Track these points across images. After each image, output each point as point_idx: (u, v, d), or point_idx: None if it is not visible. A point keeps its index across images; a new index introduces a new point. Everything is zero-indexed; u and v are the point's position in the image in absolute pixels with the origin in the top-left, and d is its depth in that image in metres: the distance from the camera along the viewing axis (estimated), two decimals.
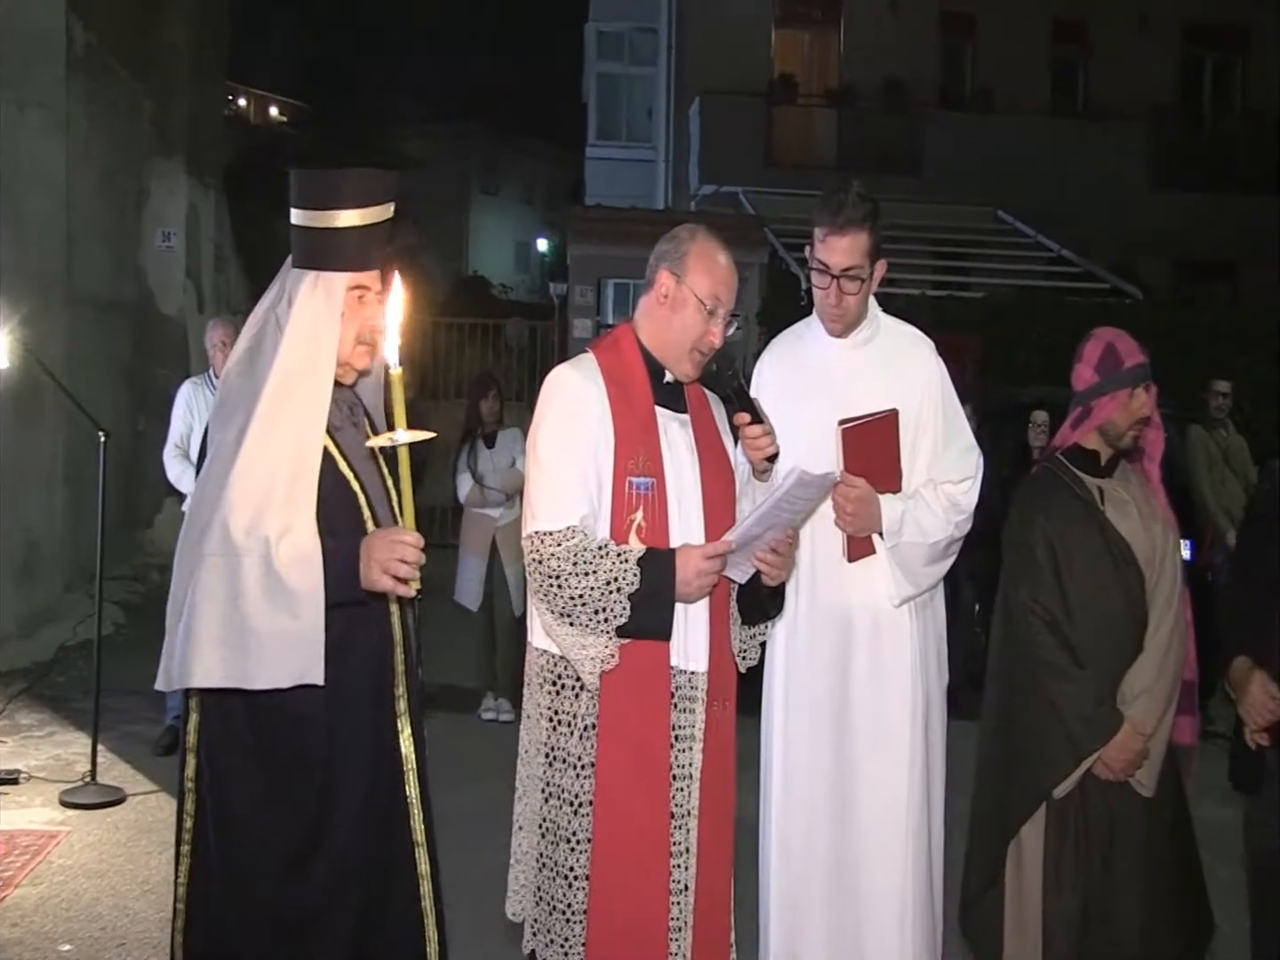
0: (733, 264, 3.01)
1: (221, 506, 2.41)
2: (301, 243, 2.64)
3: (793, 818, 3.53)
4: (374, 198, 2.63)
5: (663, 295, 2.98)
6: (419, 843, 2.71)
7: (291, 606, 2.38)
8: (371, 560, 2.46)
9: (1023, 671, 3.53)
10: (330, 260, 2.61)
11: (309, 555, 2.42)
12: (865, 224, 3.38)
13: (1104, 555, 3.51)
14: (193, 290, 13.30)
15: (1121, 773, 3.44)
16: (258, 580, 2.37)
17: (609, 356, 3.00)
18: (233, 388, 2.59)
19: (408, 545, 2.46)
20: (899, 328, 3.64)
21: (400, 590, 2.51)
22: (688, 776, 2.89)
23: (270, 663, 2.37)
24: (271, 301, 2.64)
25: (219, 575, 2.38)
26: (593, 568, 2.74)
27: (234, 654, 2.37)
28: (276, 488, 2.45)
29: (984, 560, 7.29)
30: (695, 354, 2.98)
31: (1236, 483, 8.62)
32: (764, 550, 2.86)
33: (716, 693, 2.95)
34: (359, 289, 2.65)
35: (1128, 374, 3.53)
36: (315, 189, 2.62)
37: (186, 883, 2.61)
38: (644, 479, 2.87)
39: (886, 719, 3.47)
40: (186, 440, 6.80)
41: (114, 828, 5.60)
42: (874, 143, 18.74)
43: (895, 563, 3.47)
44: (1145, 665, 3.48)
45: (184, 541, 2.48)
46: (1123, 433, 3.55)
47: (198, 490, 2.53)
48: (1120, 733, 3.42)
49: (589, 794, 2.82)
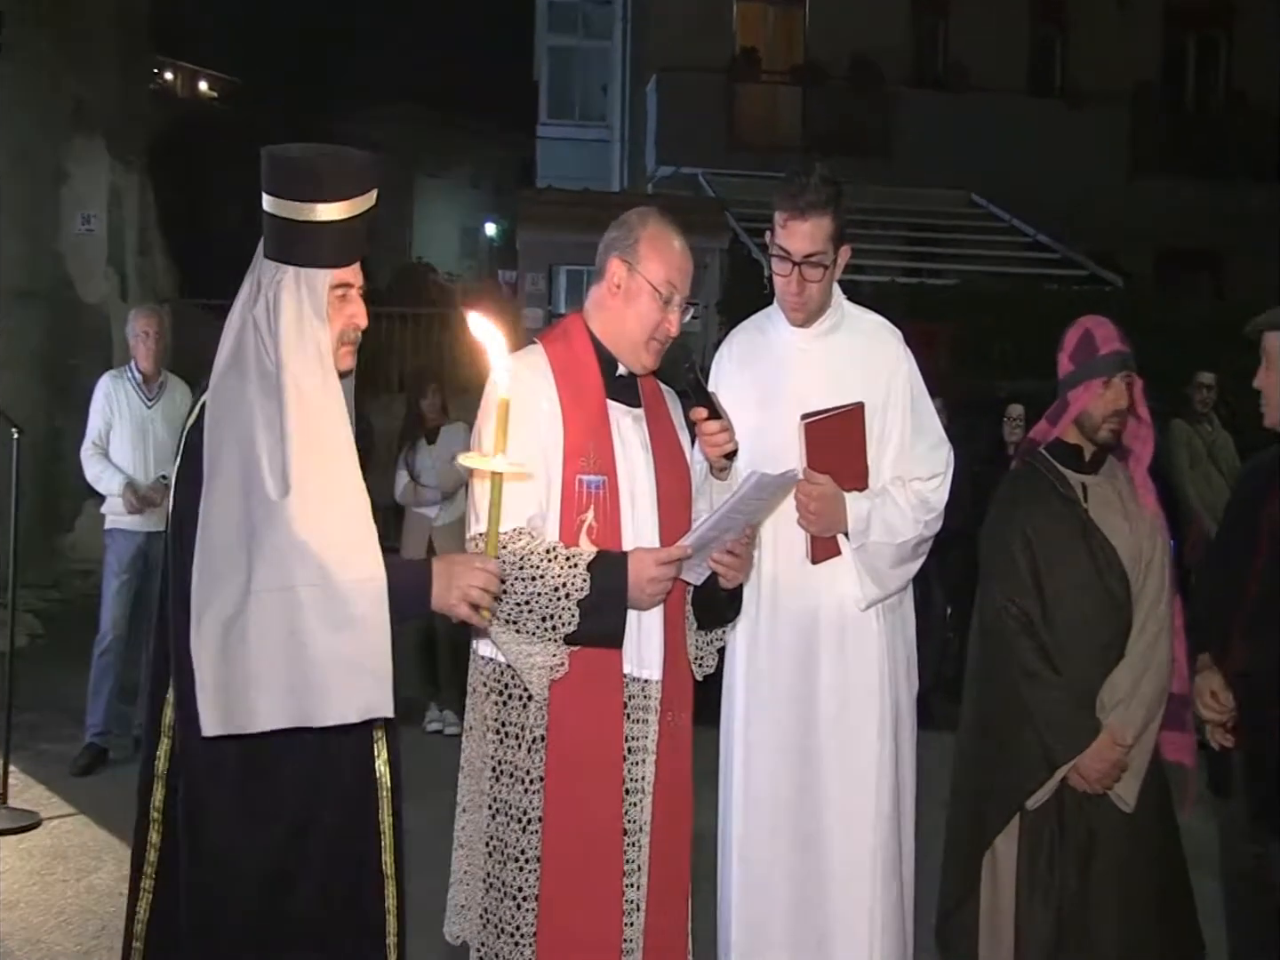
0: (687, 247, 3.03)
1: (267, 537, 2.31)
2: (278, 234, 2.50)
3: (754, 833, 3.55)
4: (360, 186, 2.51)
5: (615, 285, 2.99)
6: (388, 875, 2.63)
7: (357, 634, 2.33)
8: (453, 585, 2.47)
9: (997, 676, 3.57)
10: (312, 256, 2.49)
11: (373, 577, 2.37)
12: (828, 208, 3.39)
13: (1085, 555, 3.54)
14: (115, 277, 13.16)
15: (1097, 784, 3.47)
16: (318, 609, 2.30)
17: (558, 348, 3.01)
18: (226, 405, 2.42)
19: (491, 575, 2.49)
20: (865, 316, 3.67)
21: (474, 620, 2.53)
22: (641, 790, 2.90)
23: (337, 697, 2.32)
24: (246, 301, 2.50)
25: (275, 610, 2.29)
26: (540, 572, 2.75)
27: (297, 692, 2.30)
28: (327, 510, 2.37)
29: (956, 561, 7.36)
30: (653, 344, 2.99)
31: (1222, 480, 8.66)
32: (720, 551, 2.88)
33: (671, 702, 2.96)
34: (342, 286, 2.53)
35: (1101, 362, 3.56)
36: (294, 176, 2.47)
37: (147, 919, 2.54)
38: (595, 477, 2.88)
39: (853, 729, 3.49)
40: (105, 437, 6.76)
41: (27, 855, 5.53)
42: (841, 122, 18.82)
43: (862, 564, 3.49)
44: (1126, 671, 3.51)
45: (213, 581, 2.33)
46: (1098, 425, 3.58)
47: (217, 523, 2.36)
48: (1096, 741, 3.45)
49: (538, 810, 2.83)
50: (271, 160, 2.51)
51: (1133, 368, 3.59)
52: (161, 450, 6.88)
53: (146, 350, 6.87)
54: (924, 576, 3.87)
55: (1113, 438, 3.61)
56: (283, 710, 2.30)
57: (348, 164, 2.52)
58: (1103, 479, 3.63)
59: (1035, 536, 3.55)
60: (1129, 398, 3.59)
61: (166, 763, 2.52)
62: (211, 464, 2.38)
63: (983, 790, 3.62)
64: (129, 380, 6.89)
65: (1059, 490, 3.61)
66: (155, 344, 6.88)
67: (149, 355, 6.88)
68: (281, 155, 2.50)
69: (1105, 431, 3.59)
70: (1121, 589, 3.53)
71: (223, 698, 2.30)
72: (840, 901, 3.48)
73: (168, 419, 6.91)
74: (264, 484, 2.34)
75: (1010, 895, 3.54)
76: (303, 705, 2.31)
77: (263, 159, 2.50)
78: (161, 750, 2.53)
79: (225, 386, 2.44)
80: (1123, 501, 3.61)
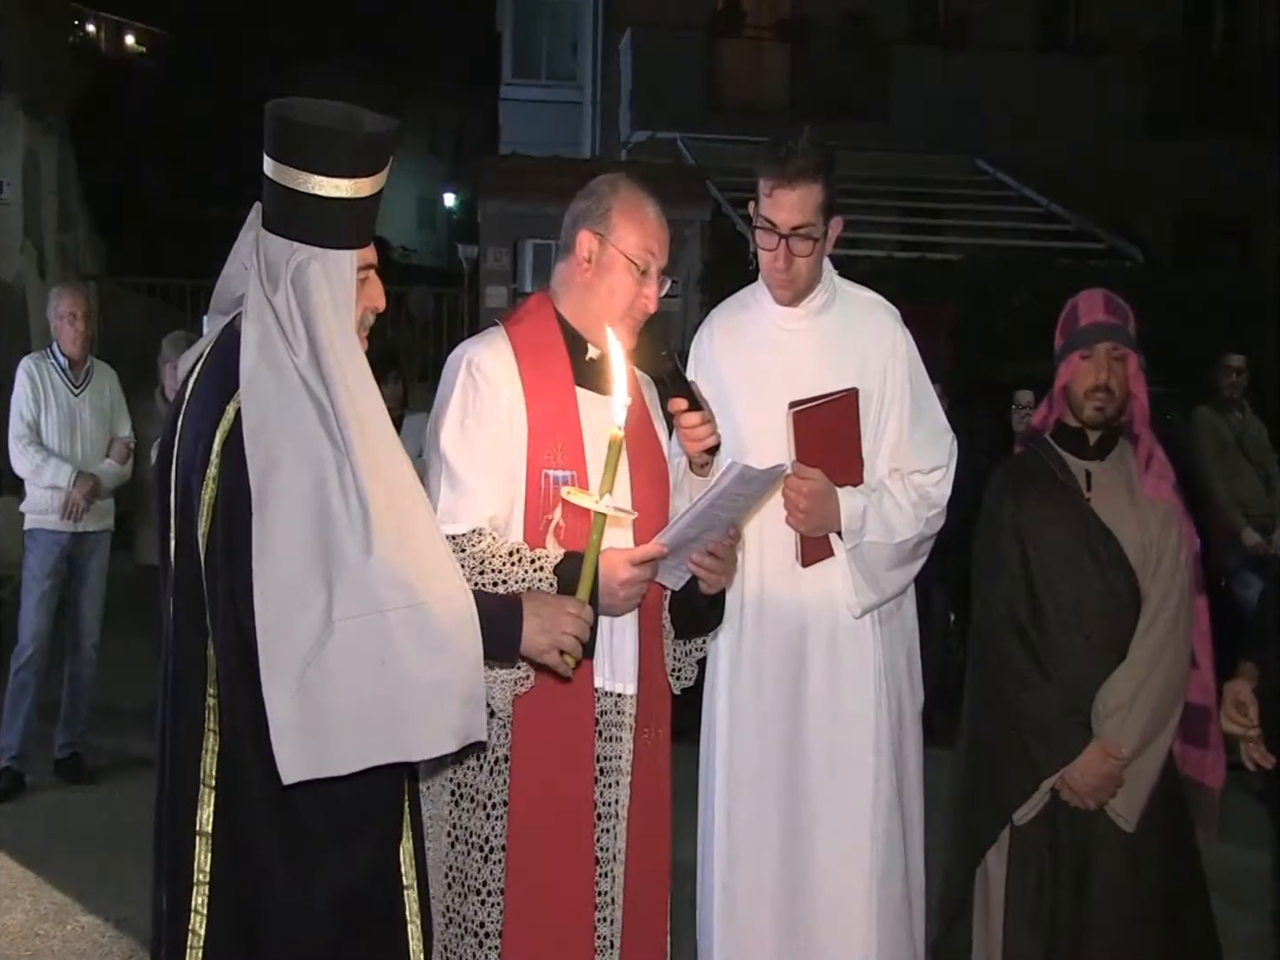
0: (662, 215, 3.04)
1: (345, 562, 2.28)
2: (298, 210, 2.40)
3: (738, 863, 3.55)
4: (388, 156, 2.46)
5: (585, 260, 2.99)
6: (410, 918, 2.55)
7: (450, 656, 2.33)
8: (545, 628, 2.56)
9: (986, 679, 3.59)
10: (340, 235, 2.42)
11: (459, 594, 2.38)
12: (817, 175, 3.40)
13: (1084, 548, 3.57)
14: (33, 252, 13.10)
15: (1089, 799, 3.49)
16: (410, 634, 2.29)
17: (522, 330, 3.01)
18: (270, 414, 2.33)
19: (586, 622, 2.59)
20: (858, 294, 3.68)
21: (560, 668, 2.60)
22: (614, 815, 2.90)
23: (434, 726, 2.31)
24: (258, 286, 2.40)
25: (362, 638, 2.26)
26: (503, 576, 2.75)
27: (390, 726, 2.29)
28: (402, 528, 2.34)
29: (959, 562, 7.37)
30: (628, 320, 3.00)
31: (1253, 473, 8.64)
32: (700, 553, 2.88)
33: (647, 718, 2.97)
34: (366, 268, 2.49)
35: (1080, 334, 3.60)
36: (325, 147, 2.37)
37: None
38: (563, 472, 2.89)
39: (846, 747, 3.50)
40: (35, 426, 6.72)
41: None
42: (833, 83, 18.80)
43: (856, 566, 3.49)
44: (1125, 676, 3.52)
45: (285, 614, 2.27)
46: (1081, 403, 3.61)
47: (283, 550, 2.30)
48: (1086, 752, 3.47)
49: (501, 838, 2.83)
50: (291, 126, 2.38)
51: (1121, 340, 3.60)
52: (91, 443, 6.85)
53: (74, 334, 6.84)
54: (924, 580, 3.88)
55: (1099, 416, 3.62)
56: (375, 747, 2.28)
57: (383, 133, 2.44)
58: (1110, 466, 3.66)
59: (1027, 527, 3.58)
60: (1120, 374, 3.59)
61: (211, 824, 2.42)
62: (263, 483, 2.30)
63: (972, 802, 3.66)
64: (53, 365, 6.86)
65: (1058, 477, 3.64)
66: (83, 326, 6.85)
67: (76, 339, 6.85)
68: (308, 122, 2.37)
69: (1090, 409, 3.61)
70: (1126, 586, 3.55)
71: (306, 740, 2.25)
72: (831, 942, 3.48)
73: (96, 408, 6.89)
74: (333, 504, 2.29)
75: (1000, 916, 3.57)
76: (397, 739, 2.29)
77: (274, 121, 2.39)
78: (207, 808, 2.43)
79: (262, 391, 2.35)
80: (1132, 491, 3.63)
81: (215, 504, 2.36)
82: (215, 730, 2.40)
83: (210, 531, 2.36)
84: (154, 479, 2.59)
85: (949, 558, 6.73)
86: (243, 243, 2.51)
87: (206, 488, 2.37)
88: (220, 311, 2.59)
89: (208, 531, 2.36)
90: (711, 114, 18.67)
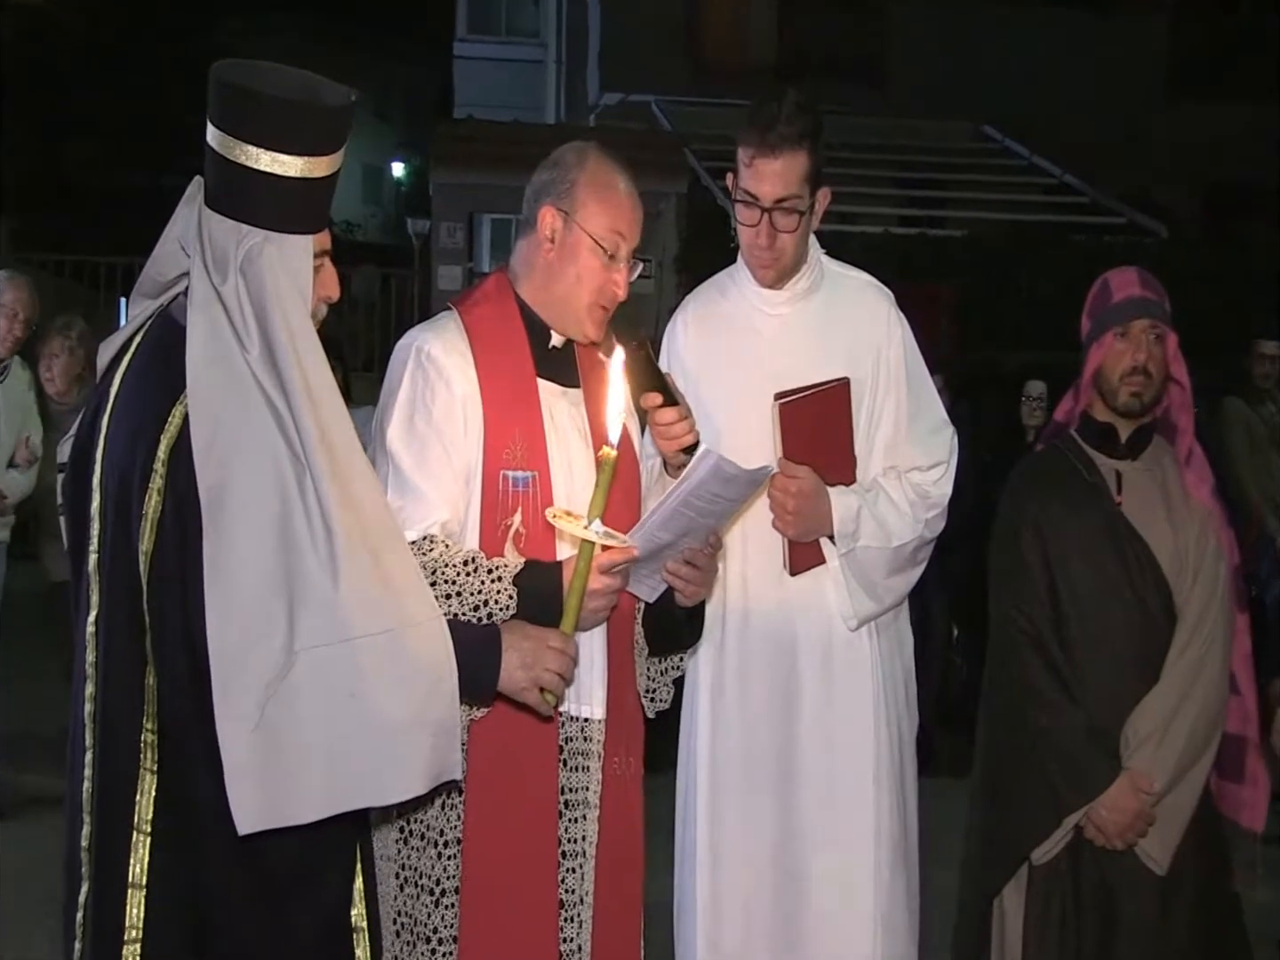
0: (635, 190, 3.04)
1: (310, 584, 2.27)
2: (251, 189, 2.37)
3: (722, 905, 3.55)
4: (347, 131, 2.44)
5: (547, 238, 2.99)
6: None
7: (423, 687, 2.33)
8: (525, 664, 2.58)
9: (1003, 702, 3.59)
10: (298, 218, 2.41)
11: (433, 618, 2.39)
12: (802, 143, 3.40)
13: (1112, 556, 3.57)
14: None
15: (1117, 838, 3.48)
16: (381, 663, 2.28)
17: (478, 315, 3.01)
18: (223, 419, 2.31)
19: (569, 659, 2.63)
20: (849, 275, 3.69)
21: (540, 706, 2.62)
22: (580, 854, 2.90)
23: (404, 765, 2.31)
24: (202, 273, 2.36)
25: (329, 669, 2.25)
26: (457, 588, 2.75)
27: (355, 767, 2.28)
28: (370, 547, 2.33)
29: (960, 568, 7.40)
30: (596, 309, 3.00)
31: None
32: (676, 561, 2.88)
33: (617, 745, 2.97)
34: (321, 255, 2.48)
35: (1115, 309, 3.60)
36: (283, 121, 2.34)
37: None
38: (523, 473, 2.89)
39: (844, 775, 3.51)
40: None
41: None
42: (824, 40, 18.84)
43: (851, 574, 3.51)
44: (1158, 701, 3.52)
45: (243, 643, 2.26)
46: (1115, 388, 3.59)
47: (241, 570, 2.27)
48: (1115, 786, 3.46)
49: (454, 879, 2.83)
50: (242, 94, 2.34)
51: (1160, 317, 3.60)
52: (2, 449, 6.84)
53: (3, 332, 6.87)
54: (922, 588, 3.89)
55: (1135, 402, 3.60)
56: (342, 790, 2.28)
57: (344, 108, 2.42)
58: (1143, 466, 3.65)
59: (1050, 532, 3.58)
60: (1159, 355, 3.59)
61: (146, 876, 2.39)
62: (217, 496, 2.27)
63: (987, 838, 3.65)
64: None
65: (1084, 478, 3.64)
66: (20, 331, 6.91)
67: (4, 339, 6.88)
68: (262, 91, 2.34)
69: (1125, 395, 3.59)
70: (1158, 599, 3.55)
71: (265, 782, 2.23)
72: None
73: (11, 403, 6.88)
74: (295, 521, 2.28)
75: None
76: (367, 781, 2.29)
77: (221, 87, 2.35)
78: (140, 858, 2.39)
79: (213, 392, 2.32)
80: (1167, 494, 3.62)
81: (161, 519, 2.33)
82: (153, 770, 2.37)
83: (156, 549, 2.34)
84: (66, 486, 2.55)
85: (950, 563, 6.78)
86: (178, 220, 2.48)
87: (150, 500, 2.34)
88: (146, 295, 2.56)
89: (151, 549, 2.34)
90: (690, 75, 18.65)
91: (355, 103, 2.44)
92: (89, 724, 2.44)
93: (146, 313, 2.54)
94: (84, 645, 2.45)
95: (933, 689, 7.93)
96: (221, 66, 2.36)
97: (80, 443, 2.51)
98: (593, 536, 2.51)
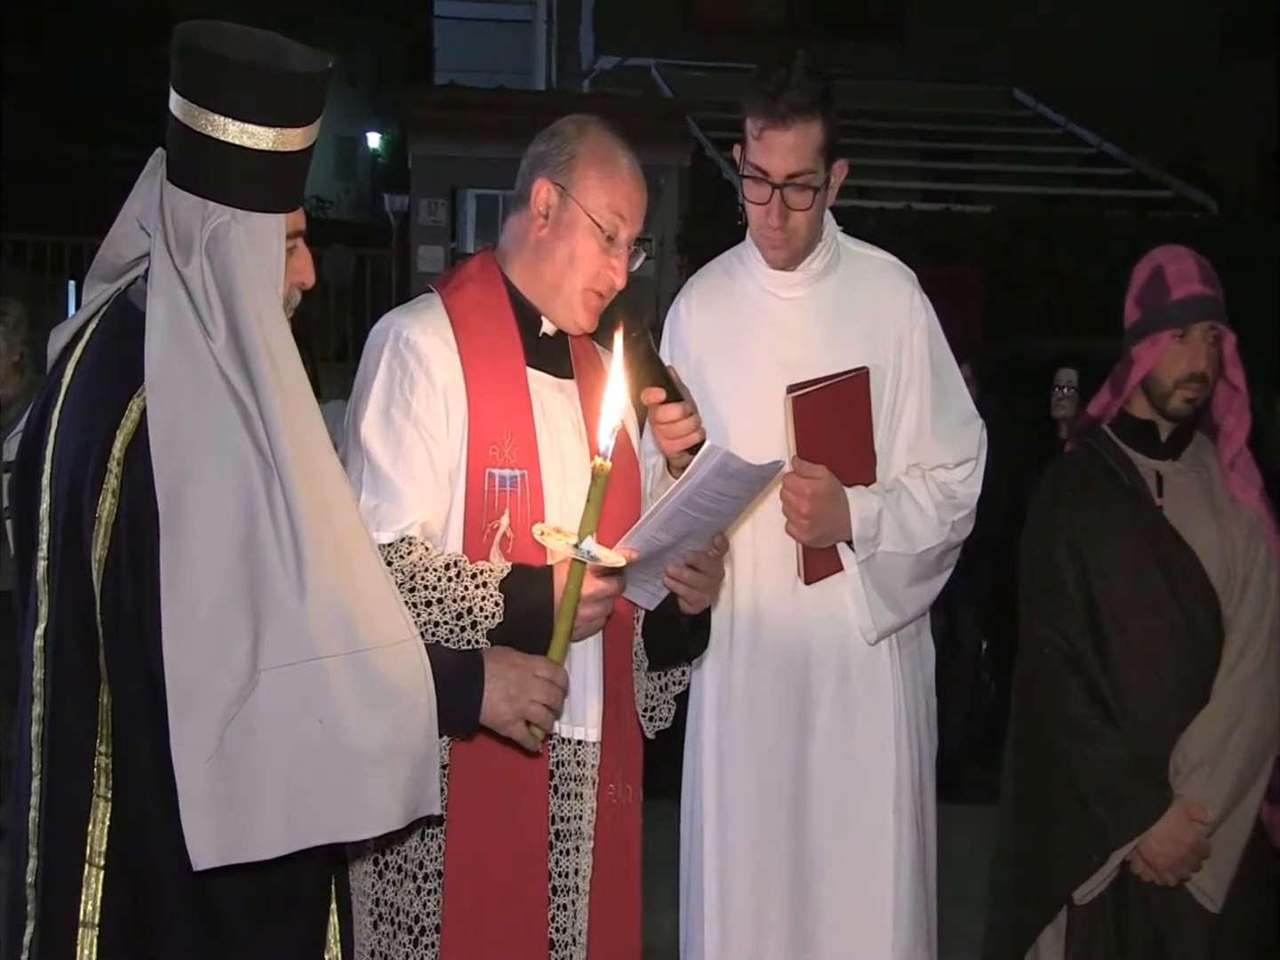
0: (639, 172, 3.04)
1: (275, 599, 2.27)
2: (210, 161, 2.36)
3: (731, 945, 3.54)
4: (323, 101, 2.44)
5: (540, 215, 2.99)
6: None
7: (397, 712, 2.33)
8: (510, 695, 2.57)
9: (1038, 727, 3.58)
10: (268, 196, 2.41)
11: (409, 638, 2.39)
12: (815, 111, 3.39)
13: (1156, 567, 3.57)
14: None
15: (1168, 874, 3.48)
16: (350, 685, 2.28)
17: (462, 299, 3.01)
18: (185, 415, 2.30)
19: (558, 690, 2.62)
20: (867, 254, 3.69)
21: (526, 741, 2.63)
22: (573, 889, 2.90)
23: (379, 798, 2.31)
24: (163, 254, 2.36)
25: (293, 691, 2.25)
26: (437, 594, 2.75)
27: (322, 799, 2.27)
28: (341, 560, 2.33)
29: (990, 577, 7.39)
30: (590, 296, 3.00)
31: None
32: (678, 565, 2.89)
33: (613, 770, 2.98)
34: (294, 235, 2.48)
35: (1175, 308, 3.57)
36: (245, 85, 2.33)
37: None
38: (511, 472, 2.89)
39: (862, 804, 3.51)
40: None
41: None
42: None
43: (871, 582, 3.51)
44: (1209, 723, 3.52)
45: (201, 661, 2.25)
46: (1169, 392, 3.58)
47: (202, 580, 2.27)
48: (1166, 817, 3.46)
49: (434, 916, 2.83)
50: (206, 58, 2.34)
51: (1220, 317, 3.59)
52: None
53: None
54: (949, 599, 3.89)
55: (1188, 408, 3.60)
56: (307, 825, 2.27)
57: (319, 74, 2.42)
58: (1185, 466, 3.65)
59: (1085, 542, 3.58)
60: (1215, 357, 3.59)
61: (99, 914, 2.38)
62: (175, 499, 2.27)
63: (1021, 878, 3.65)
64: None
65: (1123, 481, 3.63)
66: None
67: None
68: (228, 56, 2.33)
69: (1179, 400, 3.58)
70: (1206, 613, 3.55)
71: (223, 815, 2.23)
72: None
73: None
74: (260, 528, 2.28)
75: None
76: (335, 815, 2.29)
77: (184, 50, 2.34)
78: (93, 894, 2.39)
79: (174, 385, 2.31)
80: (1212, 497, 3.62)
81: (116, 523, 2.33)
82: (106, 797, 2.37)
83: (110, 556, 2.33)
84: (12, 487, 2.55)
85: (979, 571, 6.77)
86: (137, 196, 2.48)
87: (104, 502, 2.34)
88: (102, 278, 2.56)
89: (105, 556, 2.33)
90: (693, 36, 18.67)
91: (331, 69, 2.44)
92: (36, 747, 2.43)
93: (103, 297, 2.54)
94: (31, 661, 2.44)
95: (964, 709, 7.94)
96: (185, 28, 2.35)
97: (28, 439, 2.51)
98: (584, 556, 2.51)
